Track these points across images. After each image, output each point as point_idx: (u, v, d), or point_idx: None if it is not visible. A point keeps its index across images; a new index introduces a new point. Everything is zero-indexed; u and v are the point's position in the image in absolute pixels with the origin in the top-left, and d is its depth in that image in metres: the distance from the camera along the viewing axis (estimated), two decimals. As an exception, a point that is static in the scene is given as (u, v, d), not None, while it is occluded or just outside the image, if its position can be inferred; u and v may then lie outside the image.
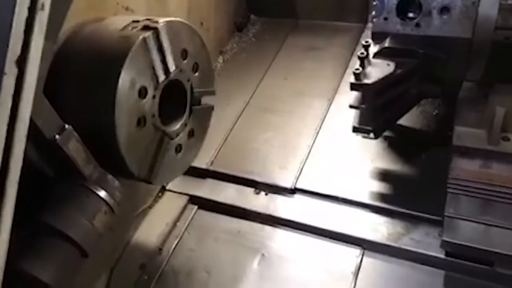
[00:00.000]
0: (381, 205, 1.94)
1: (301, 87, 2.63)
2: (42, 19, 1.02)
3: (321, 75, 2.67)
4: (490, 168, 1.70)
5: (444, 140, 1.87)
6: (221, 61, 2.93)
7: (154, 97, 1.48)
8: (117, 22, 1.55)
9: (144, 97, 1.45)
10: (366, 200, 1.97)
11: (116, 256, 1.96)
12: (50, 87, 1.33)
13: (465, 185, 1.69)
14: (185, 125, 1.69)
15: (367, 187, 2.02)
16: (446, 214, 1.67)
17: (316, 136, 2.32)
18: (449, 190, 1.70)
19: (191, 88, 1.68)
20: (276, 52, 2.91)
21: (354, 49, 2.73)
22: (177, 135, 1.65)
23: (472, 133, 1.74)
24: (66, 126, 1.29)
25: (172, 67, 1.54)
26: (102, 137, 1.38)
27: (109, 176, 1.43)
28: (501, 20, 1.53)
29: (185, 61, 1.61)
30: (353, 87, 1.69)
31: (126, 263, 1.96)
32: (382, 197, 1.97)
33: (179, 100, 1.67)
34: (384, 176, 2.06)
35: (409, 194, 1.95)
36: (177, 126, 1.65)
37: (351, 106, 1.76)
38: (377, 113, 1.82)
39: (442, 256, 1.73)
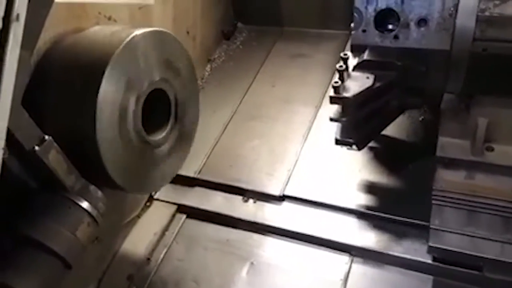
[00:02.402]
0: (369, 212, 1.93)
1: (288, 94, 2.63)
2: (17, 30, 1.01)
3: (308, 81, 2.67)
4: (473, 179, 1.69)
5: (431, 149, 1.86)
6: (209, 69, 2.93)
7: (136, 106, 1.48)
8: (99, 32, 1.55)
9: (127, 107, 1.44)
10: (354, 206, 1.97)
11: (104, 267, 1.94)
12: (30, 97, 1.32)
13: (449, 197, 1.67)
14: (170, 134, 1.68)
15: (355, 194, 2.02)
16: (431, 226, 1.65)
17: (304, 143, 2.32)
18: (434, 202, 1.69)
19: (175, 96, 1.67)
20: (264, 59, 2.92)
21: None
22: (162, 144, 1.64)
23: (456, 144, 1.73)
24: (46, 137, 1.28)
25: (154, 76, 1.54)
26: (83, 147, 1.37)
27: (92, 187, 1.42)
28: (479, 31, 1.51)
29: (168, 70, 1.61)
30: (332, 100, 1.67)
31: (113, 274, 1.94)
32: (370, 203, 1.97)
33: (163, 109, 1.66)
34: (372, 182, 2.05)
35: (397, 200, 1.95)
36: (161, 135, 1.64)
37: (331, 119, 1.74)
38: (359, 125, 1.80)
39: (430, 261, 1.72)
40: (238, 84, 2.77)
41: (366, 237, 1.88)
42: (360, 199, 1.99)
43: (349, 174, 2.10)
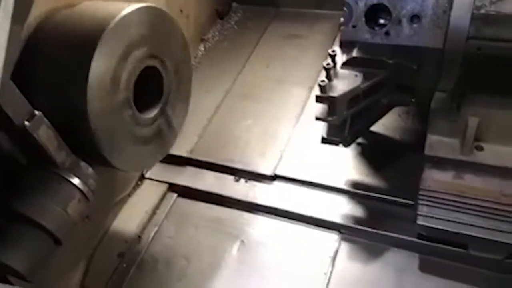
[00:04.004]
0: (358, 191, 1.95)
1: (282, 75, 2.62)
2: (7, 4, 1.00)
3: (303, 62, 2.66)
4: (462, 179, 1.66)
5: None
6: (202, 49, 2.91)
7: (128, 83, 1.47)
8: (91, 7, 1.53)
9: (118, 84, 1.43)
10: (344, 186, 1.99)
11: (94, 245, 1.96)
12: (20, 72, 1.32)
13: (436, 197, 1.64)
14: (162, 112, 1.68)
15: (345, 174, 2.04)
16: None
17: (296, 124, 2.33)
18: (420, 202, 1.66)
19: (167, 75, 1.66)
20: (258, 39, 2.90)
21: (335, 37, 2.72)
22: (154, 121, 1.63)
23: (445, 142, 1.69)
24: (36, 112, 1.27)
25: (146, 53, 1.53)
26: (74, 123, 1.37)
27: (83, 163, 1.42)
28: (474, 30, 1.45)
29: (160, 48, 1.60)
30: (318, 99, 1.60)
31: (104, 251, 1.96)
32: (359, 183, 1.99)
33: (155, 87, 1.66)
34: (362, 162, 2.07)
35: (385, 179, 1.97)
36: (153, 113, 1.63)
37: (317, 119, 1.66)
38: (346, 124, 1.76)
39: (417, 239, 1.75)
40: (232, 64, 2.75)
41: (355, 216, 1.90)
42: (350, 179, 2.01)
43: (340, 154, 2.11)
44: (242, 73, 2.70)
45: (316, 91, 1.59)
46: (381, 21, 1.57)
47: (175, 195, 2.15)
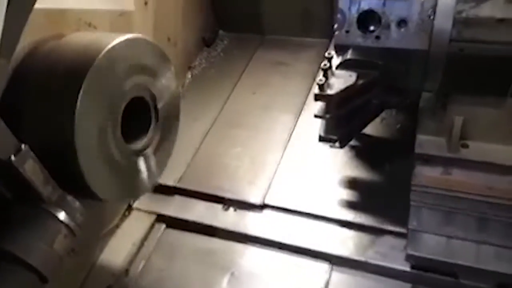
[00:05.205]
0: (348, 220, 1.95)
1: (269, 102, 2.64)
2: (-6, 37, 0.99)
3: (289, 90, 2.69)
4: (450, 174, 1.78)
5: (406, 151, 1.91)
6: (189, 76, 2.92)
7: (116, 114, 1.45)
8: (79, 39, 1.52)
9: (106, 115, 1.42)
10: (334, 214, 1.98)
11: (81, 278, 1.90)
12: (6, 104, 1.29)
13: (427, 192, 1.74)
14: (150, 141, 1.66)
15: (335, 202, 2.03)
16: (409, 226, 1.70)
17: (284, 151, 2.33)
18: (412, 197, 1.75)
19: (155, 104, 1.65)
20: (245, 67, 2.92)
21: (320, 64, 2.77)
22: (142, 152, 1.61)
23: (433, 141, 1.81)
24: (23, 146, 1.24)
25: (135, 84, 1.52)
26: (61, 156, 1.34)
27: (69, 198, 1.38)
28: (456, 32, 1.58)
29: (148, 78, 1.59)
30: (316, 97, 1.73)
31: (91, 285, 1.90)
32: (349, 211, 1.98)
33: (143, 117, 1.64)
34: (350, 190, 2.07)
35: (375, 207, 1.96)
36: (141, 143, 1.62)
37: (316, 116, 1.80)
38: (341, 122, 1.87)
39: (408, 269, 1.74)
40: (219, 92, 2.76)
41: (346, 245, 1.89)
42: (339, 207, 2.00)
43: (329, 182, 2.11)
44: (229, 101, 2.70)
45: (315, 90, 1.72)
46: (371, 27, 1.69)
47: (163, 225, 2.11)
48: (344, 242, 1.90)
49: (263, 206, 2.08)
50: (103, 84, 1.39)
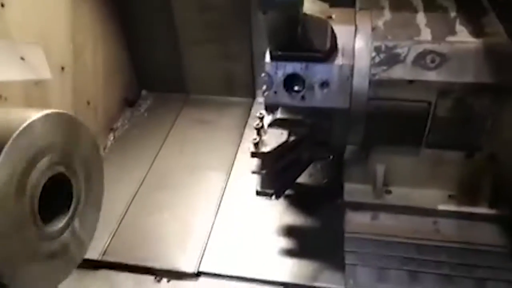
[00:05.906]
0: (288, 282, 1.90)
1: (198, 161, 2.60)
2: None
3: (216, 147, 2.67)
4: (378, 219, 1.89)
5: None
6: (111, 138, 2.80)
7: (34, 195, 1.32)
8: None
9: (22, 197, 1.28)
10: (274, 277, 1.92)
11: None
12: None
13: (360, 237, 1.82)
14: (71, 220, 1.52)
15: (274, 260, 1.99)
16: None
17: (218, 210, 2.27)
18: (346, 244, 1.80)
19: (77, 179, 1.53)
20: (171, 125, 2.88)
21: (246, 121, 2.81)
22: (61, 233, 1.47)
23: (360, 189, 1.92)
24: None
25: (54, 159, 1.40)
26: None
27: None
28: (372, 92, 1.70)
29: (66, 154, 1.48)
30: (253, 155, 1.81)
31: None
32: (286, 272, 1.94)
33: (63, 193, 1.51)
34: (289, 239, 2.06)
35: (313, 262, 1.95)
36: (61, 223, 1.47)
37: (253, 172, 1.88)
38: (276, 176, 1.95)
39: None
40: (144, 153, 2.67)
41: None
42: (280, 268, 1.95)
43: (264, 241, 2.07)
44: (156, 161, 2.62)
45: (251, 149, 1.80)
46: (296, 88, 1.78)
47: (89, 304, 1.92)
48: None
49: (198, 274, 1.97)
50: (20, 161, 1.26)
